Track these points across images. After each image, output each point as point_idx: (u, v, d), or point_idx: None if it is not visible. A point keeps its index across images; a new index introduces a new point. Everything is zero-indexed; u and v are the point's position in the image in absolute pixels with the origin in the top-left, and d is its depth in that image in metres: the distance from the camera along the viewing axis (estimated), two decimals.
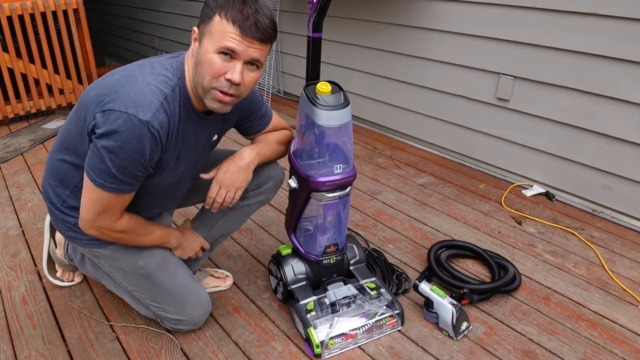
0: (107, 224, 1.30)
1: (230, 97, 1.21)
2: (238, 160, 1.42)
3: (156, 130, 1.17)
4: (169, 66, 1.25)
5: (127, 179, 1.21)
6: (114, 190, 1.22)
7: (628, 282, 1.81)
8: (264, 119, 1.57)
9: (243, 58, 1.17)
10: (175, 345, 1.53)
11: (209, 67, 1.17)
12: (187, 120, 1.28)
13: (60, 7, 3.49)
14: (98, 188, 1.22)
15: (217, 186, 1.39)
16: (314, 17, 1.45)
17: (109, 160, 1.17)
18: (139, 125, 1.14)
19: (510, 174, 2.62)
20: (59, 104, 3.72)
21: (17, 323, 1.63)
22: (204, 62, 1.18)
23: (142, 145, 1.16)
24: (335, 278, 1.64)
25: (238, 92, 1.21)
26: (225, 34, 1.13)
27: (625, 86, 2.05)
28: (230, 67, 1.17)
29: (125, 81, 1.19)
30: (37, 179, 2.66)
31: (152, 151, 1.19)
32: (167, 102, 1.20)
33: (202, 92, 1.22)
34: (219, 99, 1.20)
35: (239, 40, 1.14)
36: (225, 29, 1.13)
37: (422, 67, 2.87)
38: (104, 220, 1.28)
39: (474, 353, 1.49)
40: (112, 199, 1.24)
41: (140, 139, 1.15)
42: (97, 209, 1.26)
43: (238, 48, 1.15)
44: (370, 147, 3.06)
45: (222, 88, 1.19)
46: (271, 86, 4.00)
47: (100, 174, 1.20)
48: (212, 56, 1.16)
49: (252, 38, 1.15)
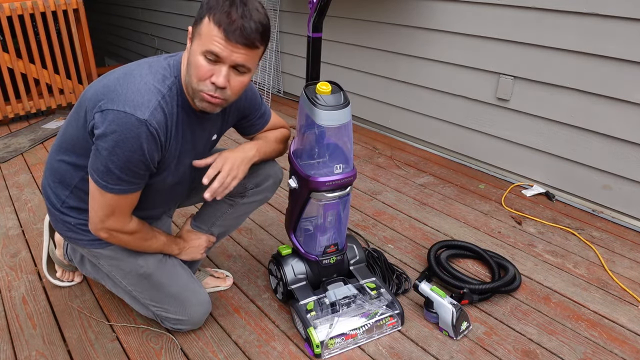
0: (117, 226, 1.30)
1: (217, 99, 1.20)
2: (240, 151, 1.41)
3: (154, 129, 1.17)
4: (167, 65, 1.25)
5: (130, 178, 1.21)
6: (118, 192, 1.22)
7: (628, 282, 1.81)
8: (263, 118, 1.57)
9: (228, 63, 1.15)
10: (175, 345, 1.53)
11: (196, 69, 1.17)
12: (185, 119, 1.28)
13: (60, 7, 3.49)
14: (103, 190, 1.22)
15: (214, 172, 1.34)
16: (314, 17, 1.45)
17: (110, 161, 1.17)
18: (137, 124, 1.14)
19: (510, 174, 2.62)
20: (59, 104, 3.72)
21: (17, 323, 1.63)
22: (192, 63, 1.18)
23: (141, 144, 1.16)
24: (335, 278, 1.64)
25: (224, 95, 1.20)
26: (211, 37, 1.12)
27: (625, 86, 2.05)
28: (216, 71, 1.16)
29: (124, 80, 1.19)
30: (37, 179, 2.66)
31: (151, 149, 1.19)
32: (164, 101, 1.20)
33: (192, 93, 1.22)
34: (207, 100, 1.20)
35: (223, 45, 1.12)
36: (212, 32, 1.12)
37: (422, 67, 2.87)
38: (113, 223, 1.28)
39: (474, 353, 1.49)
40: (119, 200, 1.24)
41: (139, 138, 1.15)
42: (105, 212, 1.26)
43: (222, 53, 1.13)
44: (370, 147, 3.06)
45: (207, 91, 1.18)
46: (271, 86, 4.00)
47: (103, 176, 1.20)
48: (198, 58, 1.16)
49: (236, 43, 1.12)
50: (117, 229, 1.31)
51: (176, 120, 1.25)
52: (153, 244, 1.43)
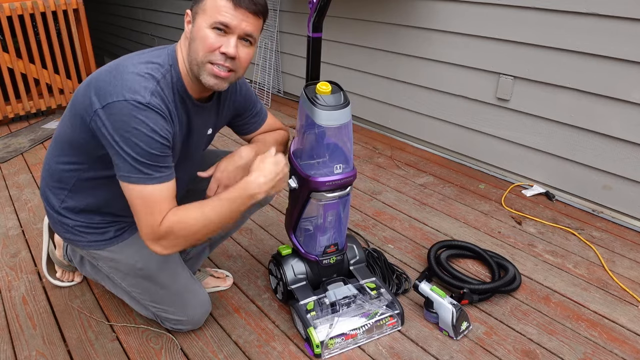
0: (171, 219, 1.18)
1: (227, 71, 1.21)
2: (237, 159, 1.41)
3: (158, 108, 1.16)
4: (159, 53, 1.24)
5: (154, 162, 1.16)
6: (149, 181, 1.16)
7: (628, 282, 1.81)
8: (259, 117, 1.56)
9: (237, 32, 1.18)
10: (175, 345, 1.53)
11: (203, 41, 1.18)
12: (182, 107, 1.27)
13: (60, 7, 3.49)
14: (135, 185, 1.16)
15: (216, 185, 1.38)
16: (314, 17, 1.45)
17: (127, 154, 1.14)
18: (141, 107, 1.13)
19: (510, 174, 2.62)
20: (59, 104, 3.72)
21: (17, 323, 1.63)
22: (197, 38, 1.18)
23: (149, 124, 1.14)
24: (335, 278, 1.64)
25: (234, 66, 1.21)
26: (219, 8, 1.15)
27: (625, 86, 2.05)
28: (225, 42, 1.18)
29: (116, 72, 1.18)
30: (37, 179, 2.66)
31: (162, 127, 1.16)
32: (160, 88, 1.19)
33: (197, 69, 1.21)
34: (215, 73, 1.20)
35: (232, 14, 1.16)
36: (219, 3, 1.16)
37: (422, 67, 2.87)
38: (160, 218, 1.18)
39: (474, 353, 1.49)
40: (154, 192, 1.17)
41: (147, 119, 1.13)
42: (147, 211, 1.17)
43: (232, 22, 1.16)
44: (370, 147, 3.06)
45: (217, 61, 1.19)
46: (271, 86, 4.00)
47: (130, 170, 1.15)
48: (206, 32, 1.17)
49: (245, 9, 1.16)
50: (174, 226, 1.18)
51: (174, 107, 1.23)
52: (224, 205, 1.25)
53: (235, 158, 1.41)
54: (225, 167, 1.39)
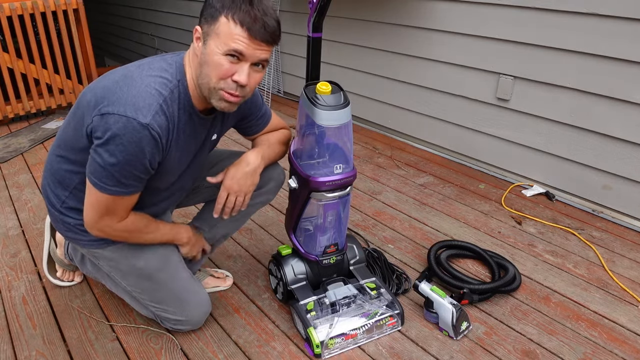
0: (111, 225, 1.30)
1: (237, 97, 1.22)
2: (244, 166, 1.42)
3: (157, 133, 1.17)
4: (168, 67, 1.24)
5: (128, 181, 1.21)
6: (116, 193, 1.22)
7: (628, 282, 1.81)
8: (264, 119, 1.57)
9: (250, 60, 1.17)
10: (175, 345, 1.53)
11: (216, 68, 1.17)
12: (187, 121, 1.28)
13: (60, 7, 3.49)
14: (100, 191, 1.22)
15: (226, 193, 1.40)
16: (314, 17, 1.45)
17: (109, 164, 1.16)
18: (139, 129, 1.14)
19: (510, 174, 2.62)
20: (59, 104, 3.72)
21: (17, 323, 1.63)
22: (210, 63, 1.17)
23: (143, 148, 1.16)
24: (335, 278, 1.64)
25: (243, 93, 1.22)
26: (233, 36, 1.13)
27: (625, 86, 2.05)
28: (238, 69, 1.18)
29: (124, 83, 1.18)
30: (37, 179, 2.66)
31: (153, 153, 1.19)
32: (166, 104, 1.20)
33: (208, 93, 1.22)
34: (226, 99, 1.21)
35: (246, 43, 1.14)
36: (233, 31, 1.13)
37: (422, 67, 2.87)
38: (108, 222, 1.28)
39: (474, 353, 1.49)
40: (115, 201, 1.24)
41: (141, 142, 1.15)
42: (100, 211, 1.26)
43: (246, 51, 1.15)
44: (370, 147, 3.06)
45: (228, 89, 1.19)
46: (271, 86, 4.00)
47: (101, 178, 1.19)
48: (219, 58, 1.16)
49: (260, 40, 1.15)
50: (111, 228, 1.30)
51: (177, 122, 1.25)
52: (156, 236, 1.42)
53: (242, 165, 1.42)
54: (234, 175, 1.40)
